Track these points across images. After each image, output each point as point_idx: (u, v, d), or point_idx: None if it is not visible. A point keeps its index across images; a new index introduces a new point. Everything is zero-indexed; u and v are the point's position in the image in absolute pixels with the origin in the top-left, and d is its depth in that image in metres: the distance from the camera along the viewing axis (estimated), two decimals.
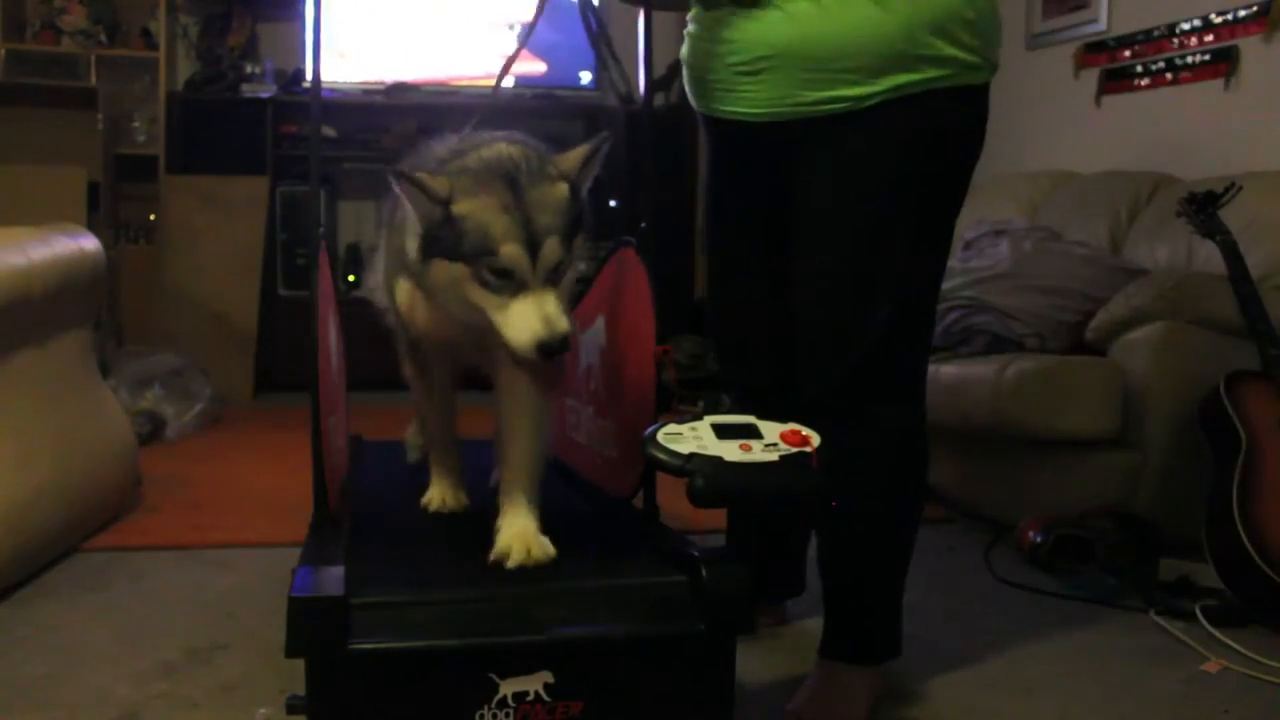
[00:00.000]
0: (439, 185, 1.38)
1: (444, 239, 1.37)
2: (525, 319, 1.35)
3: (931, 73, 1.56)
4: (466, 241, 1.36)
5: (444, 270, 1.40)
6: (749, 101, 1.67)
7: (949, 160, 1.64)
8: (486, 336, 1.44)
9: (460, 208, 1.36)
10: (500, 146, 1.44)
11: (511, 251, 1.34)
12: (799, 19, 1.58)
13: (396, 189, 1.40)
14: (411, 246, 1.44)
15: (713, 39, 1.69)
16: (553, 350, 1.35)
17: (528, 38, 1.86)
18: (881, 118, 1.58)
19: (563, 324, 1.35)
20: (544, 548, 1.48)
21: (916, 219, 1.63)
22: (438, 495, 1.78)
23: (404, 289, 1.60)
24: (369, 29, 4.97)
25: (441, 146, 1.54)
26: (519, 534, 1.49)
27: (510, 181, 1.37)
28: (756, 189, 1.78)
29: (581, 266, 1.55)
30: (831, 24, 1.56)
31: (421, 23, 5.03)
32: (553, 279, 1.37)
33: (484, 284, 1.36)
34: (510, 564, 1.45)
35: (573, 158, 1.46)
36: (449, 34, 5.04)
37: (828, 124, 1.61)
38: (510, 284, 1.35)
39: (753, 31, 1.62)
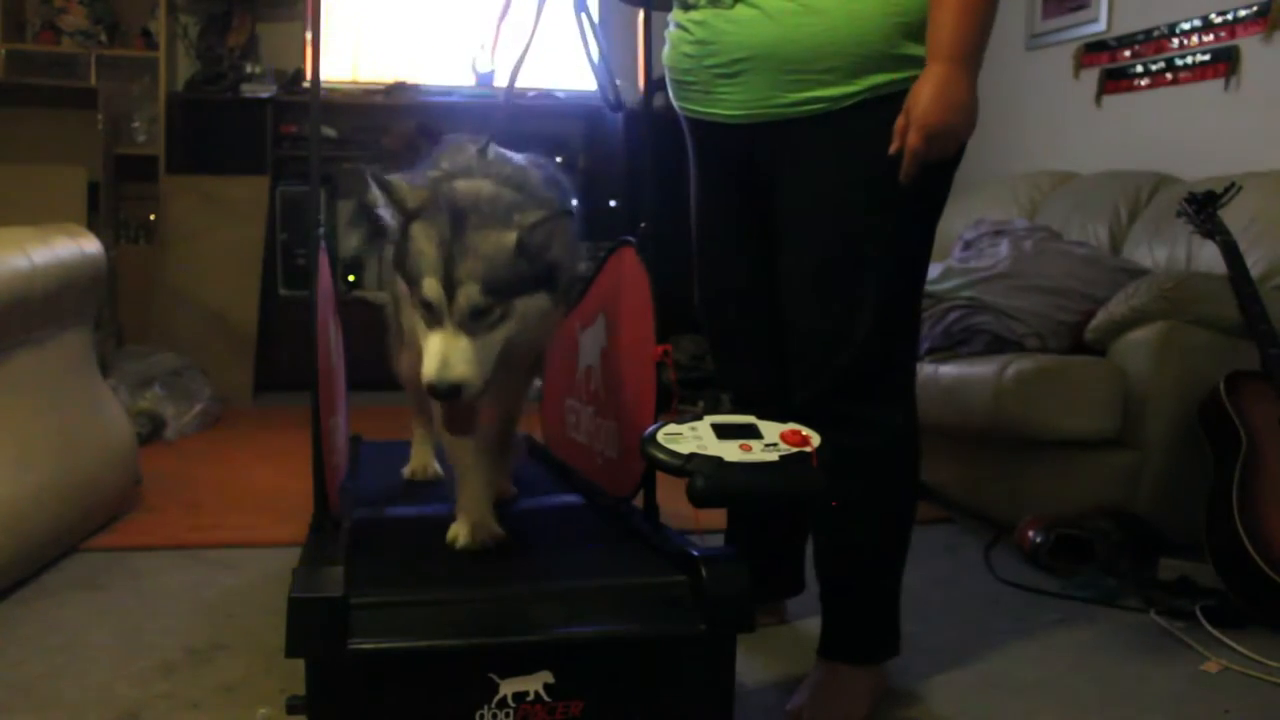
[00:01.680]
0: (412, 198, 1.42)
1: (400, 255, 1.42)
2: (429, 355, 1.37)
3: (909, 72, 1.55)
4: (409, 264, 1.41)
5: (402, 287, 1.44)
6: (728, 104, 1.67)
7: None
8: None
9: (414, 228, 1.41)
10: (482, 183, 1.46)
11: (430, 287, 1.37)
12: (779, 19, 1.57)
13: (373, 189, 1.44)
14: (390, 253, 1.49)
15: (691, 41, 1.69)
16: (438, 394, 1.37)
17: (531, 40, 1.86)
18: (859, 118, 1.57)
19: (454, 373, 1.35)
20: (491, 531, 1.57)
21: (897, 219, 1.63)
22: (419, 465, 2.01)
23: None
24: (369, 29, 4.98)
25: (457, 158, 1.56)
26: (466, 520, 1.57)
27: (456, 218, 1.38)
28: (740, 190, 1.78)
29: (581, 266, 1.57)
30: (810, 25, 1.56)
31: (422, 23, 5.03)
32: (472, 326, 1.37)
33: (418, 309, 1.41)
34: (459, 546, 1.54)
35: (534, 216, 1.43)
36: (449, 34, 5.04)
37: (806, 125, 1.61)
38: (432, 317, 1.38)
39: (731, 33, 1.62)
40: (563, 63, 4.94)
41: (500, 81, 1.81)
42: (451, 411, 1.49)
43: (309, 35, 1.72)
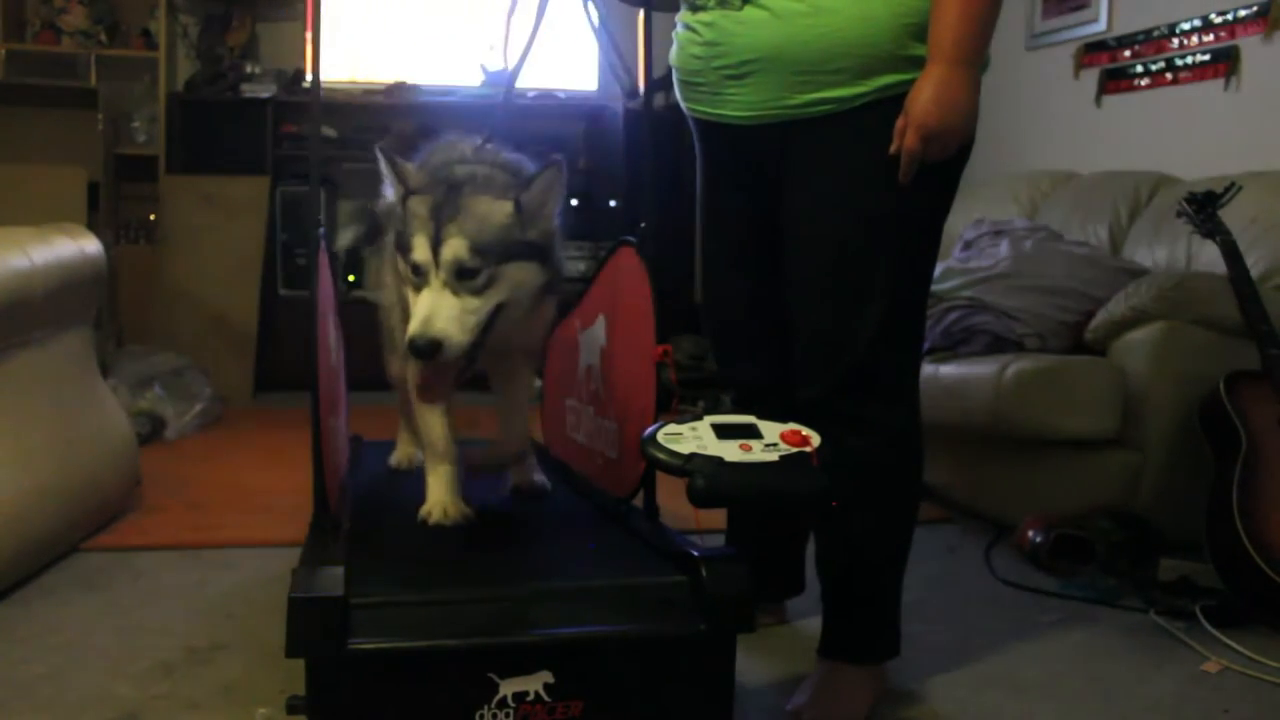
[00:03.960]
0: (412, 176, 1.48)
1: (399, 233, 1.46)
2: (414, 314, 1.40)
3: (917, 73, 1.55)
4: (403, 234, 1.45)
5: (401, 266, 1.48)
6: (736, 105, 1.67)
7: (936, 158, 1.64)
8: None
9: (410, 201, 1.45)
10: (478, 166, 1.51)
11: (419, 246, 1.40)
12: (788, 20, 1.58)
13: (381, 164, 1.49)
14: (390, 243, 1.54)
15: (700, 42, 1.69)
16: (418, 350, 1.36)
17: (532, 41, 1.86)
18: (868, 118, 1.58)
19: (434, 327, 1.36)
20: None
21: (905, 219, 1.63)
22: (438, 506, 1.65)
23: (391, 290, 1.71)
24: (369, 29, 4.98)
25: (450, 153, 1.61)
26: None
27: (451, 188, 1.44)
28: (746, 190, 1.78)
29: (581, 267, 1.59)
30: (820, 26, 1.56)
31: (422, 23, 5.03)
32: (458, 286, 1.40)
33: (409, 280, 1.44)
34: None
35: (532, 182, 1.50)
36: (449, 35, 5.04)
37: (815, 125, 1.61)
38: (421, 280, 1.41)
39: (739, 35, 1.62)
40: (563, 63, 4.96)
41: (512, 81, 1.83)
42: (426, 375, 1.49)
43: (309, 35, 1.73)
